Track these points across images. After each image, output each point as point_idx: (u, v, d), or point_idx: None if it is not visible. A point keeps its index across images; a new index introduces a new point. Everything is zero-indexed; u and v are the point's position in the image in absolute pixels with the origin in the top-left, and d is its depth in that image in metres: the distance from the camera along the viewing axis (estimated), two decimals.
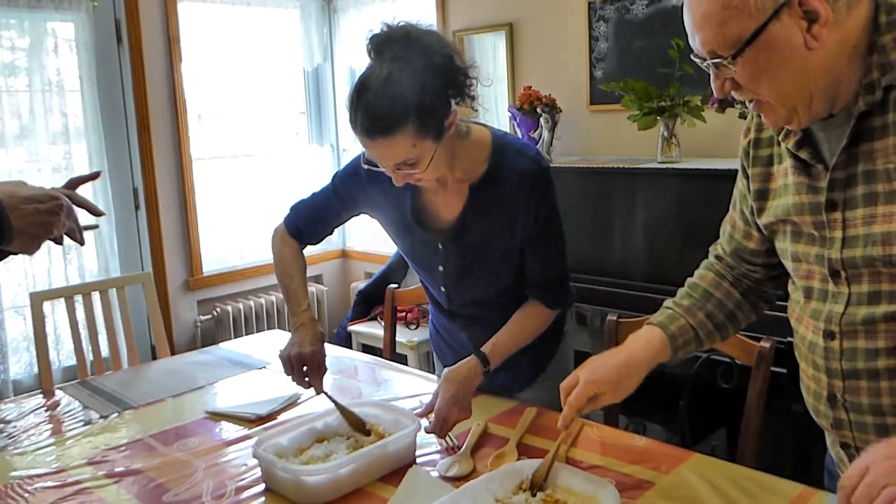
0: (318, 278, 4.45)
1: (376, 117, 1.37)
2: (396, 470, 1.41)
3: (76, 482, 1.45)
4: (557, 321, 1.72)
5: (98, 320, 2.43)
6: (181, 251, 3.87)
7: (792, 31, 0.95)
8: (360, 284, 4.17)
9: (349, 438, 1.48)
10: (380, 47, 1.43)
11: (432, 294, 1.80)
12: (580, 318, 2.75)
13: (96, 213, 1.27)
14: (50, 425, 1.76)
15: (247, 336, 2.86)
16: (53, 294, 2.41)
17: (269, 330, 3.40)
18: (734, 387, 1.99)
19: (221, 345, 2.42)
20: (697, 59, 1.04)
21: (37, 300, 2.29)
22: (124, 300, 2.46)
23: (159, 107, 3.72)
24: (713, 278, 1.33)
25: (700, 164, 2.67)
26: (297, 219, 1.78)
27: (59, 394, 1.96)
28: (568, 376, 1.26)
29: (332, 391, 1.62)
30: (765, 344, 1.63)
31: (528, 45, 3.52)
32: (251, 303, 4.02)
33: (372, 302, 3.93)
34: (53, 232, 1.17)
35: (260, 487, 1.39)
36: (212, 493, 1.38)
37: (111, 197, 3.64)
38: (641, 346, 1.26)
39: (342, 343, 3.55)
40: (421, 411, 1.56)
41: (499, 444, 1.50)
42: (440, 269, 1.68)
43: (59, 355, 3.49)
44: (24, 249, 1.16)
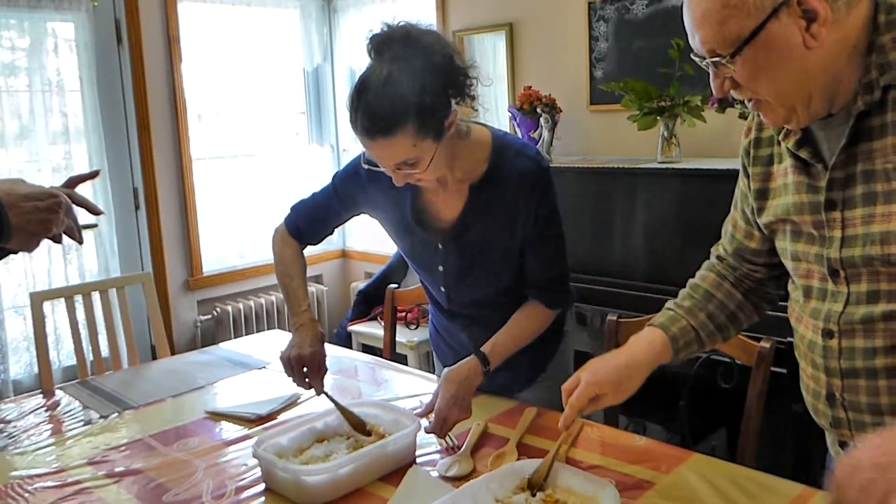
0: (318, 278, 4.45)
1: (376, 117, 1.37)
2: (396, 470, 1.41)
3: (76, 482, 1.45)
4: (557, 321, 1.72)
5: (98, 320, 2.43)
6: (181, 251, 3.87)
7: (791, 30, 0.96)
8: (360, 284, 4.17)
9: (349, 438, 1.48)
10: (380, 47, 1.43)
11: (432, 294, 1.80)
12: (580, 318, 2.75)
13: (95, 211, 1.27)
14: (50, 425, 1.76)
15: (247, 336, 2.86)
16: (53, 294, 2.41)
17: (269, 330, 3.40)
18: (734, 387, 1.99)
19: (221, 345, 2.42)
20: (697, 58, 1.05)
21: (37, 300, 2.29)
22: (124, 300, 2.46)
23: (159, 107, 3.72)
24: (714, 279, 1.33)
25: (700, 164, 2.67)
26: (298, 219, 1.78)
27: (59, 394, 1.96)
28: (569, 377, 1.26)
29: (332, 391, 1.62)
30: (765, 344, 1.63)
31: (528, 45, 3.52)
32: (251, 303, 4.02)
33: (372, 302, 3.93)
34: (52, 230, 1.17)
35: (260, 487, 1.39)
36: (212, 493, 1.38)
37: (111, 197, 3.64)
38: (643, 347, 1.26)
39: (342, 343, 3.55)
40: (421, 411, 1.56)
41: (499, 444, 1.50)
42: (440, 269, 1.68)
43: (60, 355, 3.49)
44: (23, 247, 1.16)
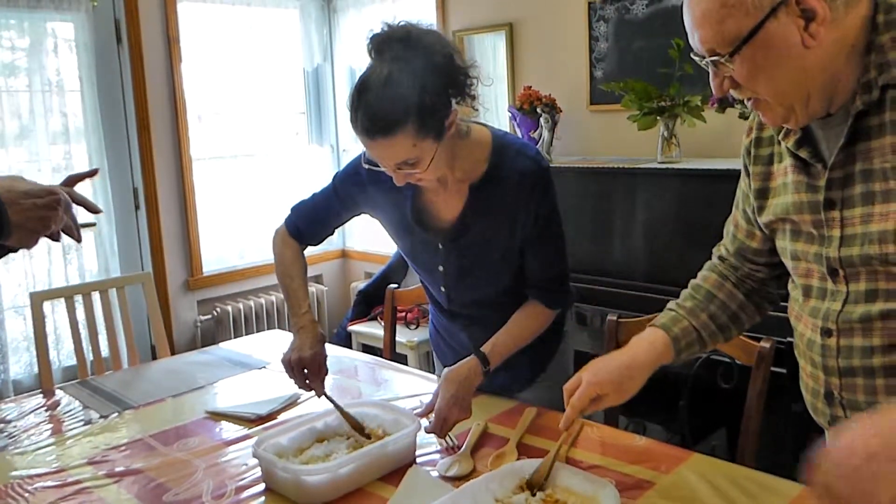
0: (318, 278, 4.45)
1: (377, 117, 1.37)
2: (396, 470, 1.41)
3: (76, 482, 1.45)
4: (557, 321, 1.72)
5: (98, 320, 2.43)
6: (181, 251, 3.87)
7: (789, 29, 0.96)
8: (360, 284, 4.17)
9: (349, 438, 1.48)
10: (380, 47, 1.43)
11: (432, 294, 1.80)
12: (580, 318, 2.75)
13: (94, 210, 1.27)
14: (50, 425, 1.76)
15: (247, 336, 2.86)
16: (53, 294, 2.41)
17: (269, 330, 3.40)
18: (734, 387, 1.99)
19: (221, 345, 2.42)
20: (697, 58, 1.05)
21: (37, 300, 2.29)
22: (124, 300, 2.46)
23: (159, 107, 3.72)
24: (716, 279, 1.33)
25: (700, 165, 2.67)
26: (298, 219, 1.78)
27: (59, 393, 1.96)
28: (569, 377, 1.26)
29: (333, 391, 1.62)
30: (765, 344, 1.64)
31: (528, 45, 3.52)
32: (251, 303, 4.02)
33: (372, 302, 3.93)
34: (51, 227, 1.17)
35: (260, 487, 1.39)
36: (212, 492, 1.38)
37: (111, 197, 3.64)
38: (644, 348, 1.26)
39: (342, 343, 3.55)
40: (421, 411, 1.56)
41: (499, 444, 1.50)
42: (440, 269, 1.68)
43: (60, 355, 3.49)
44: (22, 244, 1.16)
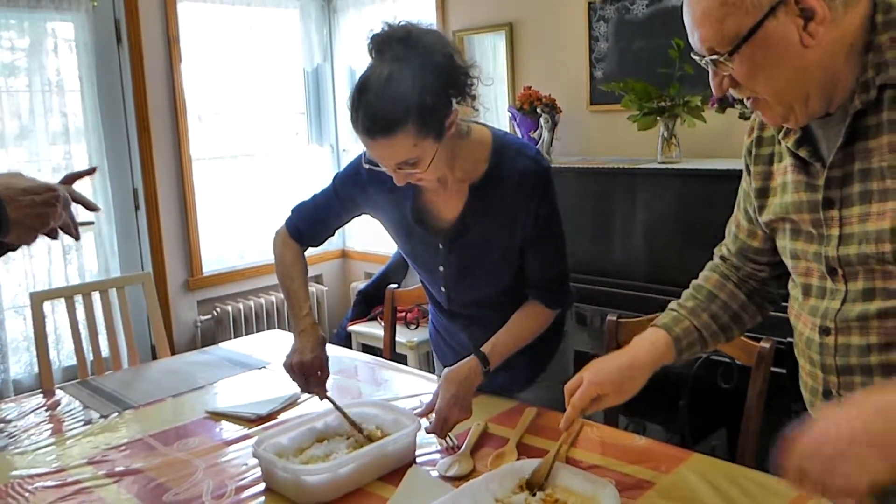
0: (318, 278, 4.45)
1: (377, 117, 1.37)
2: (396, 469, 1.41)
3: (76, 482, 1.45)
4: (557, 321, 1.72)
5: (98, 320, 2.43)
6: (181, 251, 3.87)
7: (788, 28, 0.96)
8: (359, 284, 4.17)
9: (349, 438, 1.48)
10: (381, 47, 1.43)
11: (432, 294, 1.80)
12: (580, 318, 2.75)
13: (92, 208, 1.27)
14: (50, 425, 1.76)
15: (247, 336, 2.86)
16: (53, 294, 2.41)
17: (269, 330, 3.40)
18: (734, 387, 1.99)
19: (221, 345, 2.42)
20: (697, 57, 1.05)
21: (37, 300, 2.29)
22: (124, 300, 2.46)
23: (159, 107, 3.72)
24: (718, 280, 1.33)
25: (700, 165, 2.67)
26: (298, 221, 1.78)
27: (59, 393, 1.96)
28: (569, 377, 1.26)
29: (333, 391, 1.62)
30: (765, 344, 1.64)
31: (528, 45, 3.52)
32: (251, 303, 4.02)
33: (372, 302, 3.93)
34: (50, 223, 1.16)
35: (260, 487, 1.39)
36: (212, 492, 1.38)
37: (111, 197, 3.64)
38: (645, 348, 1.26)
39: (342, 343, 3.55)
40: (421, 411, 1.56)
41: (499, 444, 1.50)
42: (440, 269, 1.68)
43: (60, 355, 3.49)
44: (21, 241, 1.16)
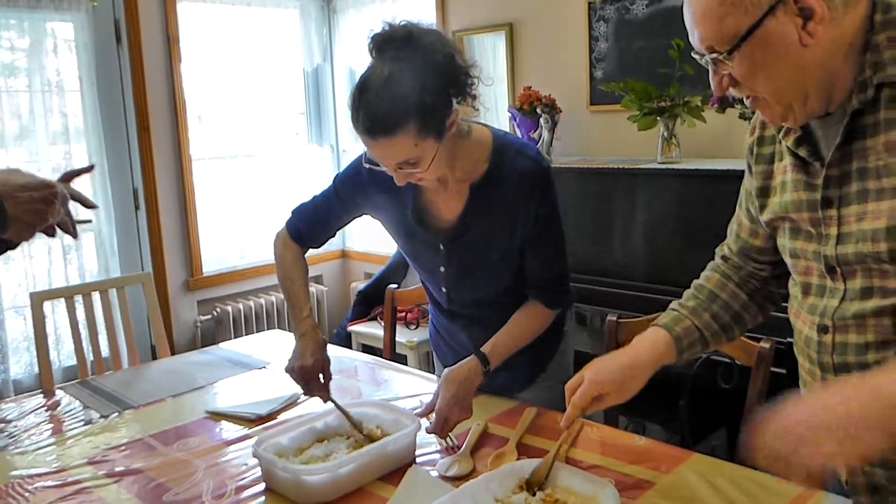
0: (318, 278, 4.45)
1: (378, 117, 1.37)
2: (396, 469, 1.41)
3: (76, 482, 1.45)
4: (557, 321, 1.72)
5: (98, 320, 2.43)
6: (181, 251, 3.87)
7: (787, 27, 0.96)
8: (359, 285, 4.17)
9: (349, 438, 1.48)
10: (381, 46, 1.43)
11: (433, 294, 1.80)
12: (580, 318, 2.75)
13: (89, 205, 1.27)
14: (50, 425, 1.76)
15: (247, 336, 2.86)
16: (54, 294, 2.41)
17: (269, 330, 3.40)
18: (734, 387, 1.99)
19: (221, 345, 2.41)
20: (697, 56, 1.06)
21: (37, 300, 2.29)
22: (124, 300, 2.46)
23: (159, 107, 3.72)
24: (719, 279, 1.33)
25: (700, 165, 2.67)
26: (299, 222, 1.77)
27: (59, 393, 1.96)
28: (569, 377, 1.26)
29: (333, 392, 1.62)
30: (765, 344, 1.64)
31: (528, 45, 3.52)
32: (251, 303, 4.02)
33: (372, 302, 3.93)
34: (48, 219, 1.16)
35: (260, 487, 1.39)
36: (212, 492, 1.38)
37: (111, 197, 3.64)
38: (646, 347, 1.26)
39: (342, 343, 3.55)
40: (421, 411, 1.56)
41: (499, 444, 1.50)
42: (441, 269, 1.68)
43: (60, 355, 3.49)
44: (20, 238, 1.16)
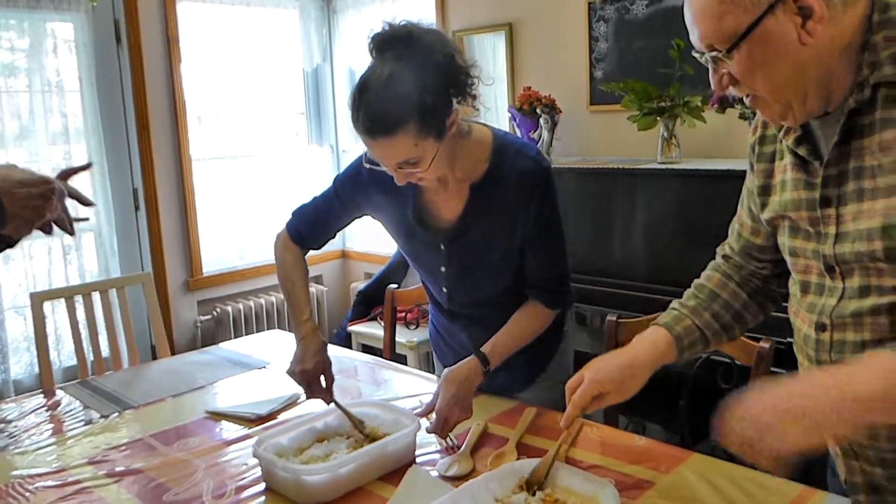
0: (318, 279, 4.45)
1: (378, 117, 1.37)
2: (396, 469, 1.41)
3: (77, 482, 1.45)
4: (557, 321, 1.72)
5: (98, 320, 2.43)
6: (181, 251, 3.87)
7: (786, 26, 0.97)
8: (359, 285, 4.17)
9: (349, 438, 1.48)
10: (381, 46, 1.43)
11: (433, 294, 1.80)
12: (580, 318, 2.75)
13: (86, 203, 1.27)
14: (51, 425, 1.76)
15: (247, 336, 2.86)
16: (54, 294, 2.41)
17: (270, 330, 3.40)
18: (734, 387, 1.98)
19: (221, 345, 2.41)
20: (696, 54, 1.06)
21: (37, 300, 2.29)
22: (124, 300, 2.46)
23: (159, 107, 3.72)
24: (720, 279, 1.33)
25: (700, 165, 2.67)
26: (299, 223, 1.77)
27: (59, 393, 1.96)
28: (569, 377, 1.26)
29: (333, 392, 1.62)
30: (764, 344, 1.64)
31: (527, 45, 3.52)
32: (251, 303, 4.02)
33: (372, 302, 3.93)
34: (46, 216, 1.17)
35: (260, 487, 1.39)
36: (212, 492, 1.38)
37: (111, 197, 3.64)
38: (646, 346, 1.26)
39: (342, 343, 3.55)
40: (421, 411, 1.56)
41: (498, 444, 1.50)
42: (442, 269, 1.68)
43: (60, 355, 3.49)
44: (17, 234, 1.16)
